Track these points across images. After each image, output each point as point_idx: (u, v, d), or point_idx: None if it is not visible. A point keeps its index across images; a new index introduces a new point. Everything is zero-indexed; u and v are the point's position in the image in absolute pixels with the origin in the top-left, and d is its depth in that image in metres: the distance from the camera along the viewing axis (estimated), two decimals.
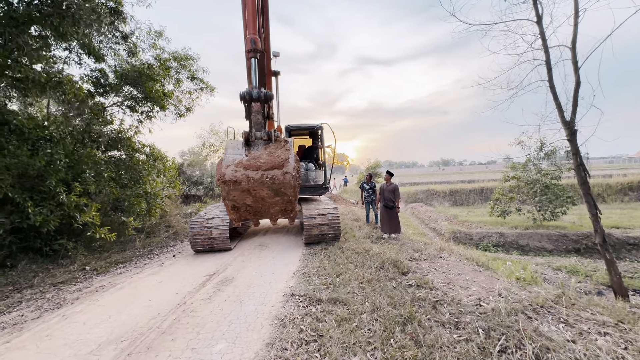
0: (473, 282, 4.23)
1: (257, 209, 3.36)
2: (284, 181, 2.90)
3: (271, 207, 3.36)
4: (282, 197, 3.18)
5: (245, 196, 3.09)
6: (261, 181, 2.88)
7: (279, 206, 3.37)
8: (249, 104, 3.12)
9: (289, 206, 3.38)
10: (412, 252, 5.81)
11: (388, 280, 4.21)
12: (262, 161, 2.93)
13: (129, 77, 8.34)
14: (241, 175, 2.84)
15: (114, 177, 7.61)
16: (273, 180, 2.89)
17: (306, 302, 3.60)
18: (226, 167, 2.87)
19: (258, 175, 2.88)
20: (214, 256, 6.08)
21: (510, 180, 13.87)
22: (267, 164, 2.92)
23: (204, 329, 3.11)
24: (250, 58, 3.20)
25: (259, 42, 3.20)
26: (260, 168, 2.90)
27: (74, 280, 4.94)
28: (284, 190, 3.05)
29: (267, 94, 3.09)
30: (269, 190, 3.02)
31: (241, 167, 2.87)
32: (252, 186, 2.89)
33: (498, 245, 11.98)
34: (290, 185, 2.94)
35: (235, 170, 2.85)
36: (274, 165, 2.92)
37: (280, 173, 2.90)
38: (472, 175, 43.18)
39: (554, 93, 5.91)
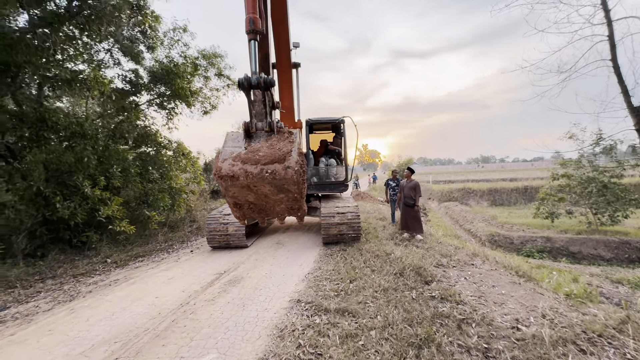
0: (510, 297, 3.60)
1: (260, 206, 3.06)
2: (286, 176, 2.55)
3: (276, 204, 3.03)
4: (286, 194, 2.84)
5: (246, 193, 2.79)
6: (260, 176, 2.56)
7: (285, 204, 3.03)
8: (248, 91, 2.79)
9: (295, 204, 3.03)
10: (440, 257, 5.22)
11: (407, 290, 3.73)
12: (261, 154, 2.61)
13: (158, 75, 8.54)
14: (239, 169, 2.54)
15: (140, 173, 7.83)
16: (273, 176, 2.55)
17: (312, 310, 3.26)
18: (223, 161, 2.59)
19: (257, 169, 2.56)
20: (229, 253, 5.95)
21: (559, 178, 12.34)
22: (266, 158, 2.59)
23: (198, 335, 2.89)
24: (250, 40, 2.88)
25: (259, 22, 2.87)
26: (259, 162, 2.58)
27: (93, 272, 5.05)
28: (287, 187, 2.71)
29: (268, 79, 2.76)
30: (271, 186, 2.69)
31: (239, 160, 2.58)
32: (252, 182, 2.57)
33: (544, 251, 10.72)
34: (293, 181, 2.58)
35: (232, 164, 2.56)
36: (274, 159, 2.59)
37: (282, 167, 2.55)
38: (514, 173, 39.92)
39: (618, 74, 4.94)
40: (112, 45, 8.06)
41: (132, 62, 8.42)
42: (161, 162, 8.53)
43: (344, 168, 7.69)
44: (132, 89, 8.62)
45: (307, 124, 7.43)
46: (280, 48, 6.18)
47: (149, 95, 9.16)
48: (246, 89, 2.74)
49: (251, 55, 2.86)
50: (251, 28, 2.83)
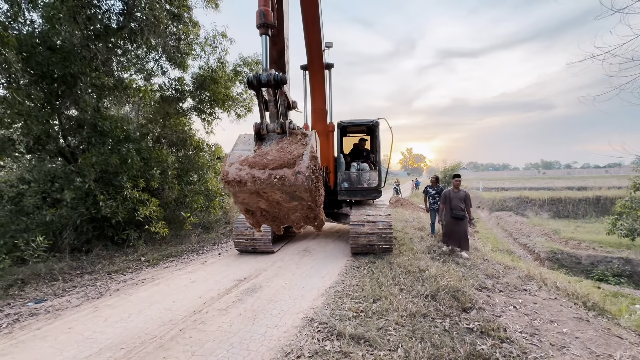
0: (574, 340, 2.88)
1: (274, 214, 2.82)
2: (296, 182, 2.27)
3: (290, 212, 2.77)
4: (299, 201, 2.56)
5: (257, 199, 2.57)
6: (269, 182, 2.31)
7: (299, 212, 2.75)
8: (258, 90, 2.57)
9: (311, 213, 2.73)
10: (484, 277, 4.51)
11: (440, 318, 3.19)
12: (269, 158, 2.37)
13: (199, 81, 8.93)
14: (246, 174, 2.33)
15: (179, 175, 8.19)
16: (283, 182, 2.29)
17: (324, 333, 2.91)
18: (230, 165, 2.40)
19: (265, 175, 2.32)
20: (255, 258, 5.85)
21: None
22: (275, 162, 2.34)
23: (201, 350, 2.72)
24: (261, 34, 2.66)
25: (271, 16, 2.64)
26: (267, 166, 2.33)
27: (126, 270, 5.27)
28: (299, 194, 2.42)
29: (279, 77, 2.50)
30: (282, 193, 2.43)
31: (246, 165, 2.36)
32: (260, 188, 2.34)
33: (621, 275, 8.99)
34: (304, 188, 2.30)
35: (239, 169, 2.35)
36: (283, 164, 2.32)
37: (291, 173, 2.28)
38: (584, 180, 35.06)
39: None
40: (160, 56, 8.61)
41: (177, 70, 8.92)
42: (199, 165, 8.86)
43: (377, 173, 7.21)
44: (178, 96, 9.12)
45: (339, 126, 7.12)
46: (312, 49, 5.97)
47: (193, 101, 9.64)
48: (255, 87, 2.52)
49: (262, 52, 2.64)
50: (262, 22, 2.61)
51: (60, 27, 5.64)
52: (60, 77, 5.92)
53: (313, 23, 5.39)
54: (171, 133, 8.28)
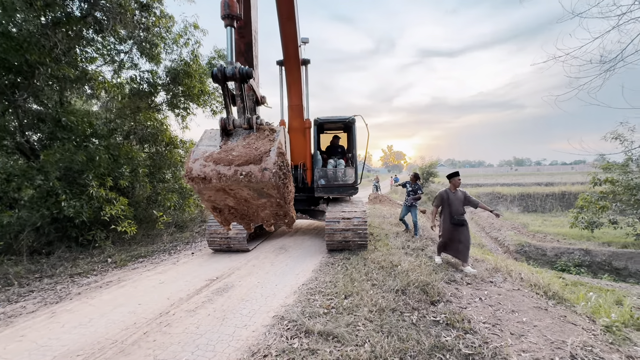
0: (532, 328, 3.02)
1: (242, 212, 2.74)
2: (262, 179, 2.21)
3: (259, 210, 2.70)
4: (268, 199, 2.51)
5: (224, 196, 2.49)
6: (235, 179, 2.24)
7: (269, 209, 2.70)
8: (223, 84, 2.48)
9: (281, 210, 2.68)
10: (453, 271, 4.65)
11: (408, 312, 3.25)
12: (235, 154, 2.29)
13: (172, 74, 8.60)
14: (210, 171, 2.24)
15: (151, 172, 7.88)
16: (249, 178, 2.22)
17: (293, 331, 2.89)
18: (194, 161, 2.30)
19: (230, 171, 2.24)
20: (229, 257, 5.73)
21: (602, 184, 11.02)
22: (240, 158, 2.27)
23: (164, 353, 2.62)
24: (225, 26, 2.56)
25: (235, 6, 2.54)
26: (232, 163, 2.26)
27: (91, 272, 5.02)
28: (267, 191, 2.36)
29: (244, 70, 2.41)
30: (249, 190, 2.36)
31: (211, 161, 2.28)
32: (226, 185, 2.27)
33: (581, 265, 9.59)
34: (271, 184, 2.25)
35: (203, 165, 2.27)
36: (249, 160, 2.26)
37: (258, 169, 2.22)
38: (551, 177, 37.08)
39: None
40: (131, 47, 8.21)
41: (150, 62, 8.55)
42: (172, 162, 8.56)
43: (353, 170, 7.25)
44: (150, 89, 8.74)
45: (315, 123, 7.08)
46: (287, 44, 5.88)
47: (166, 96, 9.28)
48: (220, 80, 2.43)
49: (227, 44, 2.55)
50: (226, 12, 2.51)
51: (14, 13, 5.23)
52: (17, 66, 5.51)
53: (288, 17, 5.30)
54: (142, 128, 7.93)
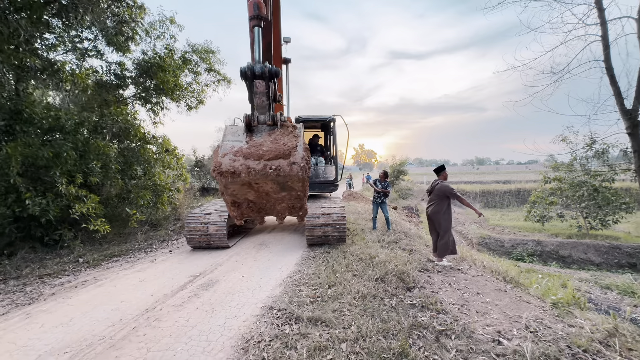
0: (494, 306, 3.44)
1: (260, 205, 2.84)
2: (291, 173, 2.36)
3: (277, 203, 2.82)
4: (289, 192, 2.64)
5: (247, 190, 2.58)
6: (264, 173, 2.36)
7: (286, 202, 2.83)
8: (251, 81, 2.56)
9: (298, 203, 2.84)
10: (425, 261, 5.05)
11: (388, 297, 3.54)
12: (265, 149, 2.41)
13: (144, 67, 8.28)
14: (240, 165, 2.33)
15: (122, 169, 7.56)
16: (278, 172, 2.36)
17: (283, 319, 3.06)
18: (223, 156, 2.38)
19: (260, 165, 2.36)
20: (209, 254, 5.73)
21: (551, 182, 12.28)
22: (270, 153, 2.39)
23: (157, 346, 2.67)
24: (253, 27, 2.64)
25: (264, 8, 2.62)
26: (262, 157, 2.37)
27: (62, 272, 4.80)
28: (291, 184, 2.52)
29: (273, 69, 2.52)
30: (273, 183, 2.49)
31: (240, 155, 2.37)
32: (254, 179, 2.37)
33: (534, 254, 10.64)
34: (298, 178, 2.40)
35: (233, 160, 2.35)
36: (279, 155, 2.39)
37: (287, 164, 2.36)
38: (509, 175, 40.09)
39: (611, 75, 4.80)
40: (96, 35, 7.79)
41: (117, 53, 8.17)
42: (144, 158, 8.26)
43: (334, 167, 7.50)
44: (117, 82, 8.35)
45: (296, 121, 7.22)
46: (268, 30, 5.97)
47: (135, 89, 8.91)
48: (249, 78, 2.52)
49: (254, 43, 2.63)
50: (255, 13, 2.59)
51: None
52: None
53: (273, 15, 5.39)
54: (112, 123, 7.58)
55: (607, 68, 4.83)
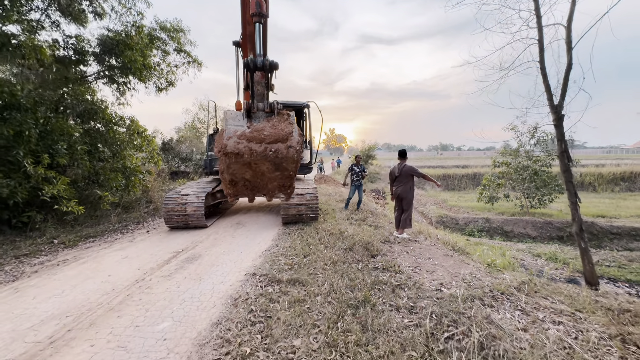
0: (441, 267, 4.17)
1: (255, 184, 3.20)
2: (287, 155, 2.75)
3: (269, 182, 3.20)
4: (282, 171, 3.03)
5: (245, 170, 2.92)
6: (264, 154, 2.72)
7: (277, 181, 3.21)
8: (252, 73, 2.86)
9: (288, 182, 3.23)
10: (388, 234, 5.74)
11: (355, 263, 4.13)
12: (265, 134, 2.75)
13: (107, 44, 7.92)
14: (244, 147, 2.67)
15: (89, 150, 7.37)
16: (276, 154, 2.73)
17: (265, 282, 3.52)
18: (228, 139, 2.69)
19: (261, 148, 2.71)
20: (188, 233, 5.98)
21: (499, 166, 13.73)
22: (270, 137, 2.74)
23: (154, 307, 3.02)
24: (254, 22, 2.90)
25: (264, 5, 2.87)
26: (264, 141, 2.73)
27: (38, 253, 4.83)
28: (286, 165, 2.90)
29: (273, 63, 2.85)
30: (270, 164, 2.85)
31: (244, 139, 2.69)
32: (255, 159, 2.72)
33: (483, 230, 12.03)
34: (293, 159, 2.81)
35: (237, 142, 2.67)
36: (278, 139, 2.75)
37: (284, 147, 2.74)
38: (468, 160, 43.03)
39: (544, 74, 5.63)
40: (49, 4, 7.31)
41: (74, 24, 7.73)
42: (113, 139, 8.06)
43: (308, 151, 7.90)
44: (77, 58, 7.94)
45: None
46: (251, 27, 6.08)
47: (98, 67, 8.50)
48: (252, 70, 2.80)
49: (256, 38, 2.89)
50: (257, 11, 2.83)
51: None
52: None
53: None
54: (76, 103, 7.29)
55: (541, 68, 5.65)
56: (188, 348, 2.36)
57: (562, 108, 5.50)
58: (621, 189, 21.87)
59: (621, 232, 11.15)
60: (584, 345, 2.31)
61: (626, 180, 22.42)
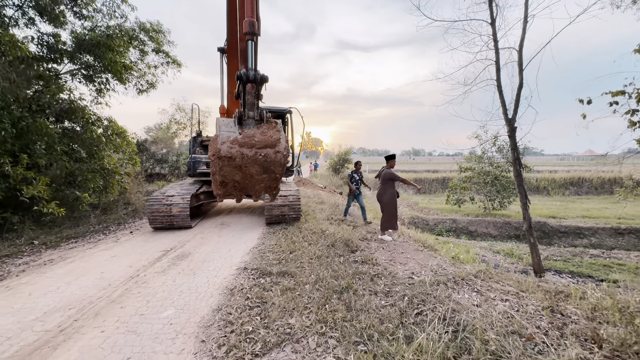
0: (412, 260, 4.71)
1: (244, 185, 3.49)
2: (275, 159, 3.11)
3: (257, 184, 3.51)
4: (269, 174, 3.36)
5: (236, 172, 3.21)
6: (254, 159, 3.06)
7: (265, 183, 3.54)
8: (244, 85, 3.21)
9: (274, 183, 3.57)
10: (366, 233, 6.24)
11: (337, 257, 4.56)
12: (256, 140, 3.08)
13: (86, 44, 7.82)
14: (236, 152, 2.99)
15: (67, 151, 7.23)
16: (265, 158, 3.09)
17: (257, 274, 3.85)
18: (222, 144, 2.99)
19: (252, 152, 3.05)
20: (173, 233, 6.12)
21: (465, 171, 14.89)
22: (260, 143, 3.08)
23: (154, 298, 3.26)
24: (247, 40, 3.24)
25: (256, 26, 3.22)
26: (254, 146, 3.06)
27: (20, 253, 4.80)
28: (273, 168, 3.24)
29: (263, 76, 3.21)
30: (259, 167, 3.18)
31: (236, 144, 3.01)
32: (245, 163, 3.05)
33: (451, 230, 12.98)
34: (280, 163, 3.16)
35: (230, 147, 2.98)
36: (267, 145, 3.09)
37: (273, 152, 3.10)
38: (438, 165, 45.26)
39: (500, 92, 6.44)
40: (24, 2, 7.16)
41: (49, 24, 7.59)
42: (90, 140, 7.94)
43: (291, 155, 8.26)
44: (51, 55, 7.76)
45: None
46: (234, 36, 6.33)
47: (72, 65, 8.33)
48: (244, 82, 3.15)
49: (249, 54, 3.23)
50: (250, 30, 3.18)
51: None
52: None
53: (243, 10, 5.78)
54: (54, 102, 7.15)
55: (497, 86, 6.47)
56: (194, 330, 2.65)
57: (514, 121, 6.32)
58: (570, 192, 24.23)
59: (568, 231, 12.55)
60: (522, 315, 2.89)
61: (575, 185, 24.88)
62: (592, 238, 12.01)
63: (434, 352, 2.16)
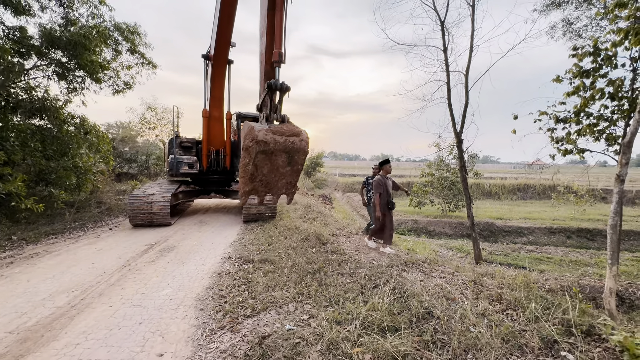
0: (373, 251, 5.51)
1: (269, 179, 4.02)
2: (301, 147, 3.78)
3: (280, 179, 4.07)
4: (292, 166, 3.96)
5: (266, 162, 3.77)
6: (284, 144, 3.69)
7: (286, 179, 4.12)
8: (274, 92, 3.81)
9: (295, 178, 4.17)
10: (335, 229, 6.99)
11: (310, 248, 5.24)
12: (285, 129, 3.72)
13: (61, 42, 7.81)
14: (270, 138, 3.59)
15: (39, 148, 7.21)
16: (293, 145, 3.74)
17: (241, 262, 4.42)
18: (258, 131, 3.58)
19: (282, 139, 3.68)
20: (154, 230, 6.43)
21: (426, 176, 16.32)
22: (288, 132, 3.73)
23: (151, 281, 3.72)
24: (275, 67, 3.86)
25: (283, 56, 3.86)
26: (284, 134, 3.69)
27: (1, 247, 4.92)
28: (297, 158, 3.86)
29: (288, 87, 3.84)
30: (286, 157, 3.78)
31: (270, 132, 3.62)
32: (276, 147, 3.63)
33: (412, 230, 14.19)
34: (304, 151, 3.82)
35: (265, 134, 3.59)
36: (293, 134, 3.76)
37: (298, 140, 3.77)
38: (404, 170, 47.67)
39: (450, 109, 7.56)
40: None
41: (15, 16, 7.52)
42: (63, 138, 7.91)
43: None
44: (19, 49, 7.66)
45: (238, 116, 8.25)
46: (221, 44, 6.80)
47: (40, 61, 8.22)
48: (273, 90, 3.76)
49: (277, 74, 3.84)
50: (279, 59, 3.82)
51: None
52: None
53: (229, 20, 6.26)
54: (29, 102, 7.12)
55: (448, 104, 7.59)
56: (193, 302, 3.19)
57: (461, 134, 7.45)
58: (517, 197, 27.00)
59: (511, 230, 14.28)
60: (452, 286, 3.76)
61: (521, 191, 27.77)
62: (530, 236, 13.80)
63: (382, 308, 2.91)
